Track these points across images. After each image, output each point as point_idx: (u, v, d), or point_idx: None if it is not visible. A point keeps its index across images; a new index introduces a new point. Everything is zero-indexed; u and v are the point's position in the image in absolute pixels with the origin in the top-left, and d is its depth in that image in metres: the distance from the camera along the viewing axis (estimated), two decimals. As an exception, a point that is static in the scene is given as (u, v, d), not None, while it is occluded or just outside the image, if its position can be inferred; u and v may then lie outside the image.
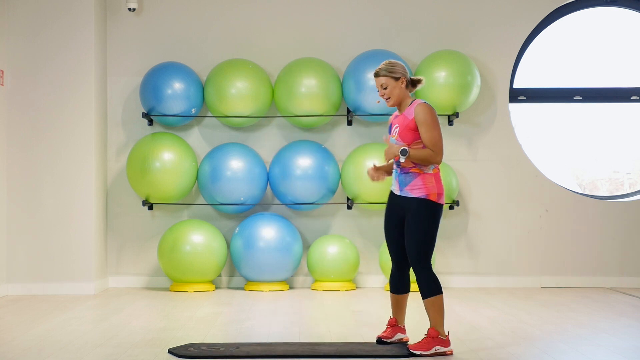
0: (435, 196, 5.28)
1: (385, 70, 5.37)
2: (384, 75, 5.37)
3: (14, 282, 8.24)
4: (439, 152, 5.27)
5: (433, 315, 5.26)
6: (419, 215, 5.28)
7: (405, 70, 5.40)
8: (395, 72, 5.35)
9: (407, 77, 5.39)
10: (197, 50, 8.84)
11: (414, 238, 5.29)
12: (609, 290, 8.58)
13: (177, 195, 8.48)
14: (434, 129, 5.28)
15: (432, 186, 5.28)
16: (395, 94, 5.38)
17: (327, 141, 8.83)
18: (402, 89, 5.38)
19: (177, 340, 5.66)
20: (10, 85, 8.26)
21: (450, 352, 5.24)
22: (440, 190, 5.32)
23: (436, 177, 5.33)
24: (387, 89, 5.38)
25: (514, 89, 9.06)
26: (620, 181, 10.23)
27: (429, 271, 5.30)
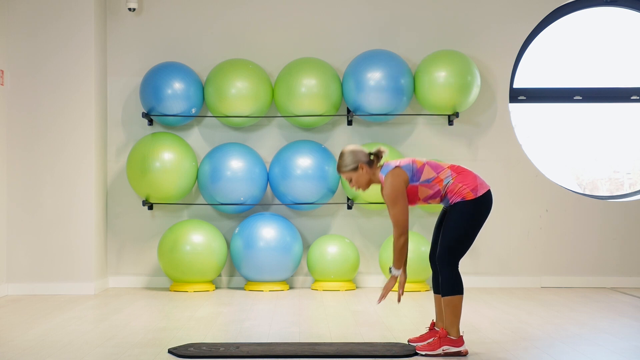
0: (470, 194, 5.22)
1: (342, 166, 5.32)
2: (343, 172, 5.33)
3: (14, 282, 8.24)
4: (400, 231, 5.19)
5: (447, 315, 5.24)
6: (453, 214, 5.24)
7: (358, 156, 5.30)
8: (350, 164, 5.30)
9: (364, 159, 5.30)
10: (197, 50, 8.84)
11: (445, 235, 5.25)
12: (609, 290, 8.58)
13: (177, 195, 8.48)
14: (395, 204, 5.20)
15: (463, 188, 5.22)
16: (362, 181, 5.34)
17: (327, 141, 8.83)
18: (366, 173, 5.31)
19: (177, 340, 5.66)
20: (10, 85, 8.26)
21: (465, 352, 5.20)
22: (472, 183, 5.23)
23: (460, 178, 5.25)
24: (352, 181, 5.34)
25: (514, 89, 9.06)
26: (621, 181, 10.23)
27: (452, 268, 5.25)
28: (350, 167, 5.30)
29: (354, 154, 5.31)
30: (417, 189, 5.23)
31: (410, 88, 8.52)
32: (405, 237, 5.20)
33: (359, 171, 5.30)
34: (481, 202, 5.24)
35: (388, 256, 8.30)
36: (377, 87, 8.37)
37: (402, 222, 5.19)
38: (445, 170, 5.27)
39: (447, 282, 5.25)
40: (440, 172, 5.26)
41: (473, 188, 5.23)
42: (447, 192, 5.25)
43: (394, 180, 5.21)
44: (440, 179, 5.23)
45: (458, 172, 5.29)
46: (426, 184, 5.23)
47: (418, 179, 5.23)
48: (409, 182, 5.22)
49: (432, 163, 5.31)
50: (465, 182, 5.25)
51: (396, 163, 5.27)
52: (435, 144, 8.85)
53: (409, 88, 8.50)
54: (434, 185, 5.23)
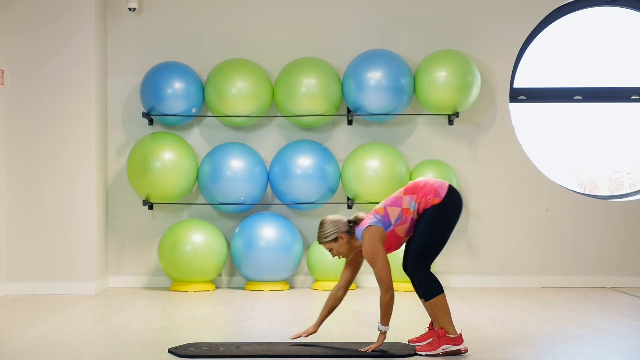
0: (435, 199, 5.22)
1: (321, 237, 5.31)
2: (323, 243, 5.33)
3: (14, 281, 8.23)
4: (386, 287, 5.17)
5: (438, 316, 5.25)
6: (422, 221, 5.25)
7: (337, 225, 5.29)
8: (330, 235, 5.28)
9: (343, 229, 5.29)
10: (198, 50, 8.84)
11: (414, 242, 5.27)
12: (610, 290, 8.58)
13: (178, 194, 8.48)
14: (376, 262, 5.18)
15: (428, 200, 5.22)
16: (342, 251, 5.33)
17: (327, 141, 8.83)
18: (346, 242, 5.30)
19: (177, 340, 5.65)
20: (10, 84, 8.26)
21: (465, 350, 5.21)
22: (431, 191, 5.23)
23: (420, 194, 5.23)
24: (333, 251, 5.34)
25: (514, 89, 9.06)
26: (621, 181, 10.23)
27: (425, 272, 5.27)
28: (330, 238, 5.29)
29: (334, 224, 5.30)
30: (395, 232, 5.24)
31: (410, 88, 8.52)
32: (391, 292, 5.18)
33: (339, 241, 5.30)
34: (448, 203, 5.24)
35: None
36: (377, 87, 8.37)
37: (386, 278, 5.18)
38: (403, 198, 5.25)
39: (424, 286, 5.27)
40: (402, 203, 5.24)
41: (435, 194, 5.23)
42: (418, 212, 5.25)
43: (369, 238, 5.20)
44: (406, 208, 5.23)
45: (414, 191, 5.27)
46: (399, 222, 5.23)
47: (390, 223, 5.22)
48: (384, 233, 5.22)
49: (390, 201, 5.27)
50: (425, 194, 5.24)
51: (367, 223, 5.25)
52: (435, 144, 8.85)
53: (409, 88, 8.50)
54: (405, 217, 5.23)
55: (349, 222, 5.32)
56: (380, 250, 5.18)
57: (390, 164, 8.38)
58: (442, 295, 5.25)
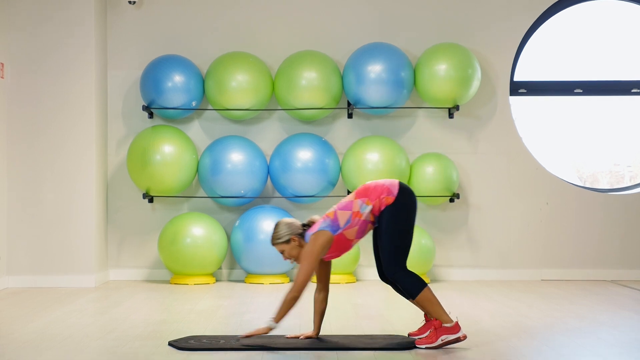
0: (389, 199, 5.21)
1: (274, 239, 5.33)
2: (276, 245, 5.34)
3: (15, 274, 8.24)
4: (295, 288, 5.17)
5: (429, 309, 5.25)
6: (382, 224, 5.25)
7: (290, 227, 5.30)
8: (282, 237, 5.30)
9: (296, 231, 5.30)
10: (198, 43, 8.83)
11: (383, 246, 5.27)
12: (610, 283, 8.59)
13: (178, 188, 8.48)
14: (303, 262, 5.19)
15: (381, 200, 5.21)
16: (294, 254, 5.33)
17: (328, 134, 8.83)
18: (297, 245, 5.30)
19: (177, 333, 5.66)
20: (10, 78, 8.26)
21: (464, 337, 5.20)
22: (382, 191, 5.22)
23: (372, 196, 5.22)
24: (285, 253, 5.34)
25: (514, 82, 9.06)
26: (621, 174, 10.24)
27: (404, 272, 5.26)
28: (282, 240, 5.31)
29: (288, 226, 5.31)
30: (344, 235, 5.23)
31: (410, 81, 8.51)
32: (294, 295, 5.18)
33: (291, 244, 5.30)
34: (401, 199, 5.23)
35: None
36: (377, 80, 8.37)
37: (302, 281, 5.18)
38: (354, 202, 5.25)
39: (408, 286, 5.26)
40: (353, 207, 5.24)
41: (388, 192, 5.23)
42: (374, 214, 5.24)
43: (312, 242, 5.21)
44: (356, 211, 5.22)
45: (366, 194, 5.26)
46: (348, 226, 5.22)
47: (338, 227, 5.22)
48: (332, 237, 5.21)
49: (341, 205, 5.27)
50: (378, 194, 5.23)
51: (316, 227, 5.25)
52: (435, 137, 8.85)
53: (409, 81, 8.50)
54: (355, 221, 5.22)
55: (303, 225, 5.34)
56: (314, 256, 5.19)
57: (391, 157, 8.38)
58: (427, 289, 5.24)
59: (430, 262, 8.39)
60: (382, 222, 5.25)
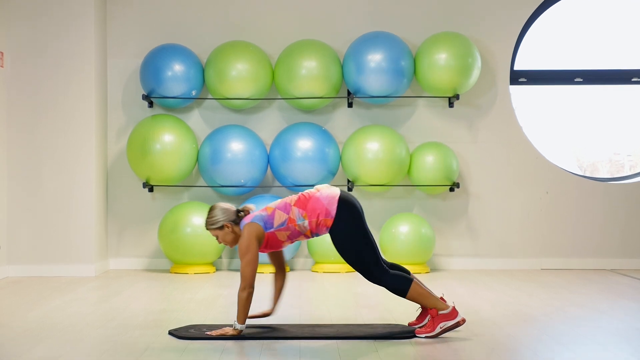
0: (328, 220, 5.18)
1: (208, 224, 5.31)
2: (210, 230, 5.33)
3: (15, 263, 8.25)
4: (245, 284, 5.16)
5: (422, 302, 5.25)
6: (336, 245, 5.25)
7: (225, 214, 5.29)
8: (216, 223, 5.29)
9: (230, 218, 5.29)
10: (197, 32, 8.82)
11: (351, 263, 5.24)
12: (609, 272, 8.59)
13: (178, 177, 8.48)
14: (244, 257, 5.18)
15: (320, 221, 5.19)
16: (228, 239, 5.33)
17: (328, 123, 8.82)
18: (231, 231, 5.30)
19: (177, 322, 5.67)
20: (10, 67, 8.25)
21: (463, 321, 5.20)
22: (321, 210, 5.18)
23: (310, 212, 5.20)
24: (218, 238, 5.34)
25: (514, 71, 9.05)
26: (621, 163, 10.23)
27: (385, 275, 5.23)
28: (216, 226, 5.30)
29: (223, 212, 5.30)
30: (275, 235, 5.24)
31: (410, 70, 8.51)
32: (248, 291, 5.18)
33: (225, 230, 5.30)
34: (341, 217, 5.19)
35: (388, 238, 8.31)
36: (377, 69, 8.36)
37: (248, 275, 5.17)
38: (292, 209, 5.23)
39: (395, 287, 5.24)
40: (290, 212, 5.23)
41: (326, 213, 5.19)
42: (311, 231, 5.24)
43: (246, 234, 5.20)
44: (292, 219, 5.22)
45: (304, 205, 5.23)
46: (282, 228, 5.22)
47: (272, 225, 5.22)
48: (263, 233, 5.22)
49: (282, 205, 5.27)
50: (316, 213, 5.19)
51: (250, 218, 5.26)
52: (435, 126, 8.84)
53: (409, 70, 8.49)
54: (290, 227, 5.22)
55: (237, 211, 5.33)
56: (253, 248, 5.18)
57: (391, 147, 8.38)
58: (414, 284, 5.22)
59: (430, 251, 8.40)
60: (335, 243, 5.24)
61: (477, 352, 4.82)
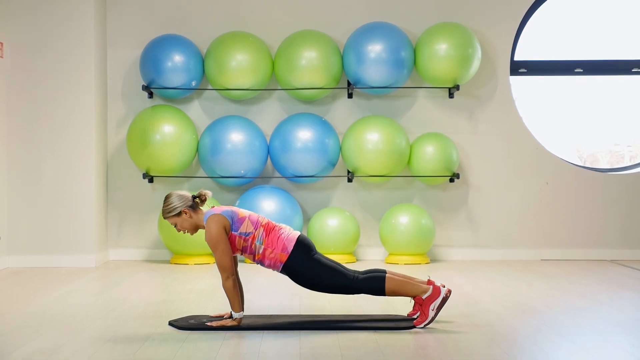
0: (283, 255, 5.19)
1: (165, 212, 5.29)
2: (167, 218, 5.30)
3: (15, 254, 8.26)
4: (226, 274, 5.15)
5: (403, 293, 5.24)
6: (296, 278, 5.26)
7: (181, 200, 5.26)
8: (174, 210, 5.26)
9: (187, 204, 5.27)
10: (197, 23, 8.80)
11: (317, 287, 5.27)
12: (609, 263, 8.60)
13: (178, 168, 8.48)
14: (216, 249, 5.16)
15: (275, 254, 5.20)
16: (186, 226, 5.30)
17: (328, 114, 8.82)
18: (189, 217, 5.27)
19: (177, 313, 5.67)
20: (9, 57, 8.24)
21: (449, 292, 5.20)
22: (279, 244, 5.20)
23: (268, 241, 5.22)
24: (177, 226, 5.32)
25: (514, 62, 9.04)
26: (621, 154, 10.22)
27: (355, 283, 5.23)
28: (174, 213, 5.27)
29: (179, 198, 5.28)
30: (235, 239, 5.23)
31: (410, 61, 8.50)
32: (232, 279, 5.17)
33: (183, 216, 5.27)
34: (296, 252, 5.20)
35: (388, 229, 8.32)
36: (377, 60, 8.35)
37: (226, 264, 5.16)
38: (259, 229, 5.24)
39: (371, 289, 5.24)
40: (256, 230, 5.23)
41: (282, 248, 5.20)
42: (263, 258, 5.24)
43: (213, 225, 5.18)
44: (255, 236, 5.22)
45: (267, 233, 5.25)
46: (243, 237, 5.22)
47: (237, 229, 5.22)
48: (230, 226, 5.21)
49: (253, 218, 5.26)
50: (274, 246, 5.21)
51: (218, 210, 5.24)
52: (435, 117, 8.84)
53: (409, 61, 8.48)
54: (248, 239, 5.22)
55: (193, 197, 5.32)
56: (223, 237, 5.16)
57: (391, 137, 8.38)
58: (387, 279, 5.22)
59: (430, 242, 8.41)
60: (294, 277, 5.25)
61: (477, 343, 4.83)
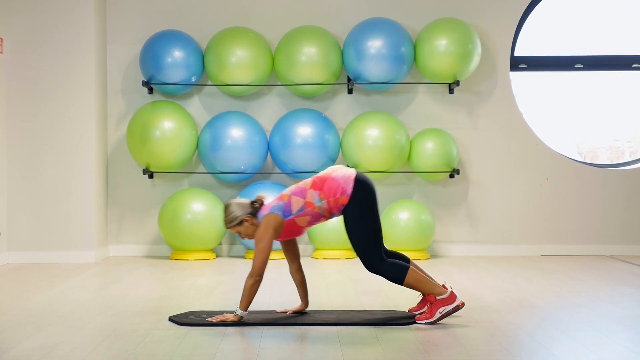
0: (344, 199, 5.17)
1: (227, 222, 5.30)
2: (230, 228, 5.31)
3: (15, 250, 8.26)
4: (253, 272, 5.16)
5: (421, 288, 5.25)
6: (346, 223, 5.24)
7: (241, 208, 5.27)
8: (235, 219, 5.26)
9: (246, 211, 5.26)
10: (197, 19, 8.80)
11: (353, 244, 5.25)
12: (609, 258, 8.60)
13: (178, 164, 8.48)
14: (257, 246, 5.17)
15: (337, 199, 5.18)
16: (249, 233, 5.30)
17: (328, 109, 8.82)
18: (250, 225, 5.27)
19: (177, 309, 5.67)
20: (9, 53, 8.23)
21: (462, 304, 5.21)
22: (338, 188, 5.18)
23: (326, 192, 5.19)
24: (241, 234, 5.32)
25: (515, 57, 9.03)
26: (621, 149, 10.23)
27: (383, 263, 5.24)
28: (235, 223, 5.27)
29: (239, 207, 5.28)
30: (295, 221, 5.22)
31: (410, 56, 8.49)
32: (255, 279, 5.17)
33: (245, 224, 5.27)
34: (357, 197, 5.19)
35: (388, 225, 8.31)
36: (377, 56, 8.34)
37: (258, 263, 5.16)
38: (308, 192, 5.22)
39: (391, 275, 5.25)
40: (307, 196, 5.21)
41: (342, 192, 5.19)
42: (329, 210, 5.23)
43: (264, 225, 5.18)
44: (310, 202, 5.20)
45: (320, 187, 5.23)
46: (301, 214, 5.21)
47: (290, 212, 5.20)
48: (282, 222, 5.20)
49: (297, 190, 5.25)
50: (332, 192, 5.19)
51: (268, 208, 5.24)
52: (435, 113, 8.83)
53: (409, 56, 8.48)
54: (309, 211, 5.21)
55: (252, 203, 5.31)
56: (267, 237, 5.16)
57: (391, 133, 8.38)
58: (410, 270, 5.23)
59: (430, 238, 8.41)
60: (345, 221, 5.23)
61: (477, 338, 4.83)
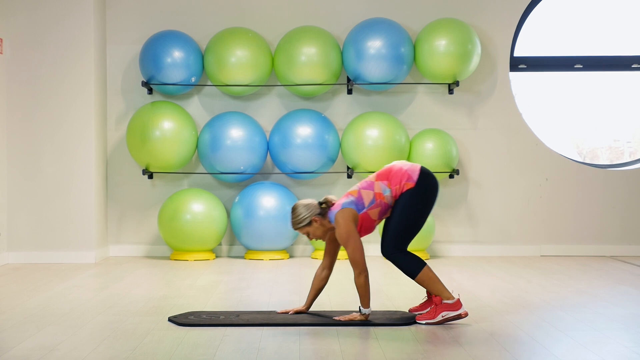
0: (409, 184, 5.20)
1: (295, 224, 5.31)
2: (299, 229, 5.32)
3: (15, 250, 8.26)
4: (359, 269, 5.17)
5: (430, 287, 5.26)
6: (399, 205, 5.25)
7: (309, 209, 5.28)
8: (303, 220, 5.28)
9: (315, 211, 5.27)
10: (197, 19, 8.80)
11: (392, 225, 5.27)
12: (609, 259, 8.60)
13: (177, 164, 8.48)
14: (348, 243, 5.17)
15: (403, 185, 5.21)
16: (318, 234, 5.33)
17: (327, 110, 8.82)
18: (320, 225, 5.29)
19: (177, 309, 5.68)
20: (9, 53, 8.24)
21: (465, 314, 5.21)
22: (404, 176, 5.22)
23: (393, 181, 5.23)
24: (309, 235, 5.33)
25: (514, 58, 9.04)
26: (621, 150, 10.23)
27: (402, 253, 5.27)
28: (304, 223, 5.29)
29: (307, 208, 5.29)
30: (368, 215, 5.24)
31: (410, 56, 8.49)
32: (365, 274, 5.19)
33: (314, 225, 5.29)
34: (422, 186, 5.23)
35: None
36: (377, 56, 8.35)
37: (359, 259, 5.19)
38: (376, 183, 5.25)
39: (406, 267, 5.27)
40: (375, 187, 5.24)
41: (408, 178, 5.23)
42: (394, 197, 5.25)
43: (343, 221, 5.20)
44: (379, 192, 5.23)
45: (387, 177, 5.27)
46: (373, 206, 5.23)
47: (363, 205, 5.23)
48: (357, 215, 5.22)
49: (364, 184, 5.28)
50: (398, 179, 5.23)
51: (339, 206, 5.25)
52: (435, 113, 8.84)
53: (409, 56, 8.48)
54: (379, 202, 5.23)
55: (320, 204, 5.32)
56: (353, 232, 5.19)
57: (390, 133, 8.38)
58: (426, 268, 5.24)
59: (430, 238, 8.41)
60: (398, 202, 5.25)
61: (477, 338, 4.83)
